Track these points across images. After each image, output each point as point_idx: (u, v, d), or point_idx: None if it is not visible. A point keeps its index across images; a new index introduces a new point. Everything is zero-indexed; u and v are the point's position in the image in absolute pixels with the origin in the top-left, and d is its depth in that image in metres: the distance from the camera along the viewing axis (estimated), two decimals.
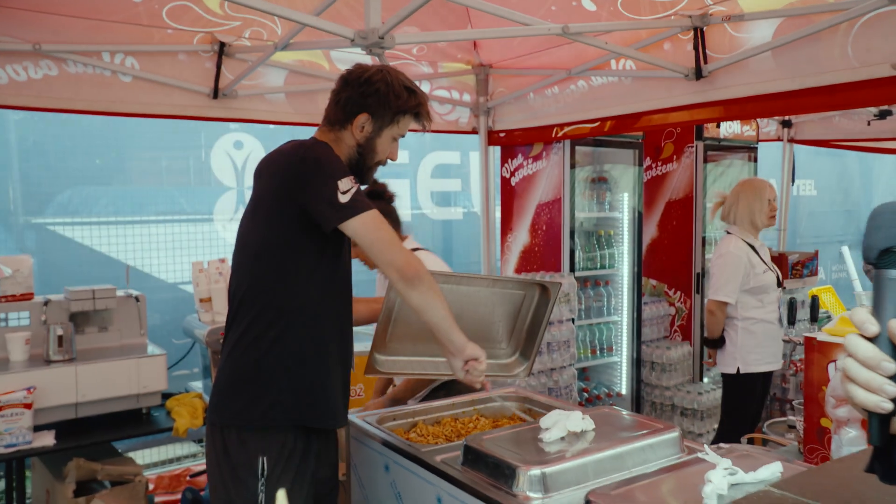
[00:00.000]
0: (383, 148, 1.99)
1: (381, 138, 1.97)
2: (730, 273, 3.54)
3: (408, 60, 4.19)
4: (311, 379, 1.90)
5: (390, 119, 1.95)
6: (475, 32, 3.30)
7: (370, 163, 1.99)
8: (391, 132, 1.98)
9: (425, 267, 1.87)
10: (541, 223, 4.50)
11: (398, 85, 1.94)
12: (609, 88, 3.77)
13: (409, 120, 2.00)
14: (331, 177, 1.79)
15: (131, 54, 3.42)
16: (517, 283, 2.49)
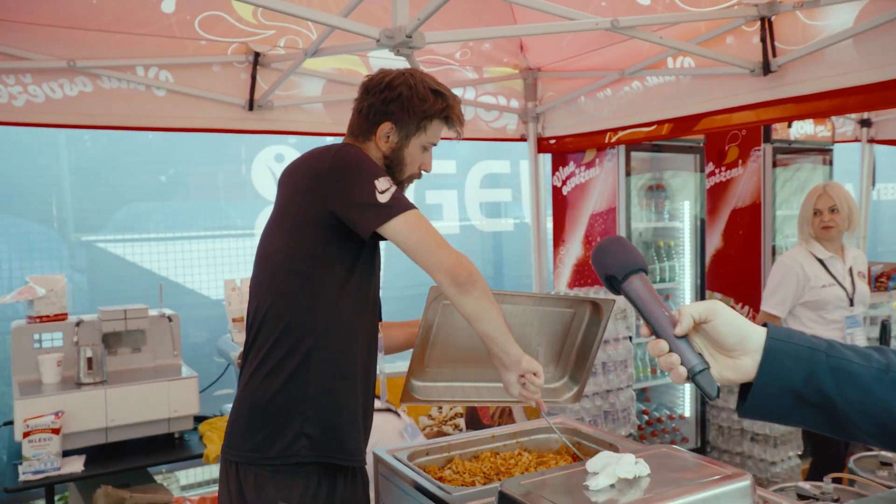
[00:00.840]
0: (413, 158, 1.80)
1: (408, 148, 1.78)
2: (776, 284, 3.29)
3: (451, 66, 4.01)
4: (339, 409, 1.72)
5: (416, 126, 1.76)
6: (514, 29, 3.10)
7: (400, 176, 1.81)
8: (419, 141, 1.79)
9: (477, 270, 1.66)
10: (595, 234, 4.24)
11: (423, 88, 1.75)
12: (666, 89, 3.50)
13: (439, 125, 1.81)
14: (367, 176, 1.62)
15: (165, 67, 3.34)
16: (565, 300, 2.25)
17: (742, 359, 0.95)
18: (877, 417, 0.92)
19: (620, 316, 3.82)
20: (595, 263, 1.09)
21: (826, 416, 0.94)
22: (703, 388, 0.96)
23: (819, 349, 0.94)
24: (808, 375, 0.92)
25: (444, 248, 1.63)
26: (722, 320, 0.96)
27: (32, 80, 3.12)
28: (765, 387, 0.94)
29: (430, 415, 3.70)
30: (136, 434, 2.82)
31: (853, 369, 0.92)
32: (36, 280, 2.98)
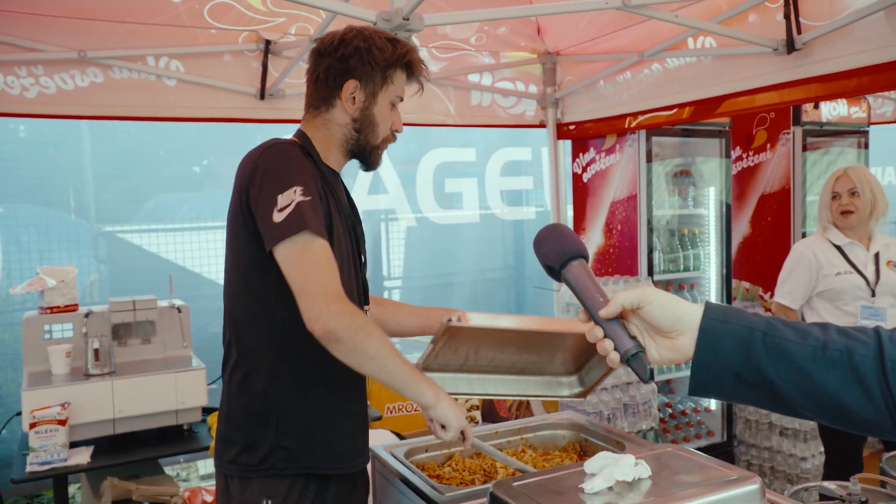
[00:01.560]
0: (384, 117, 1.67)
1: (377, 105, 1.65)
2: (788, 272, 3.14)
3: (466, 51, 3.93)
4: (315, 418, 1.62)
5: (382, 78, 1.63)
6: (521, 9, 2.99)
7: (374, 140, 1.68)
8: (387, 95, 1.66)
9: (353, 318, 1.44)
10: (616, 222, 4.12)
11: (379, 38, 1.64)
12: (686, 70, 3.36)
13: (402, 76, 1.67)
14: (274, 188, 1.48)
15: (175, 57, 3.32)
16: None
17: (679, 338, 0.96)
18: (814, 396, 0.90)
19: None
20: (536, 253, 1.07)
21: (768, 395, 0.93)
22: (636, 371, 0.97)
23: (756, 328, 0.92)
24: (746, 355, 0.91)
25: (312, 295, 1.44)
26: (654, 306, 0.96)
27: (44, 72, 3.12)
28: (703, 366, 0.94)
29: None
30: (144, 426, 2.82)
31: (789, 347, 0.91)
32: (47, 271, 2.99)
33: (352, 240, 1.68)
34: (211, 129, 4.56)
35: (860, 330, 0.93)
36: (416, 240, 5.02)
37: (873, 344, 0.90)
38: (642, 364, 0.97)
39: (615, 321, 0.99)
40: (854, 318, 3.01)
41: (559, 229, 1.08)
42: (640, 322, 0.99)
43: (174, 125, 4.26)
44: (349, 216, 1.70)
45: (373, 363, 1.47)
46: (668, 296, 0.98)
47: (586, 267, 1.05)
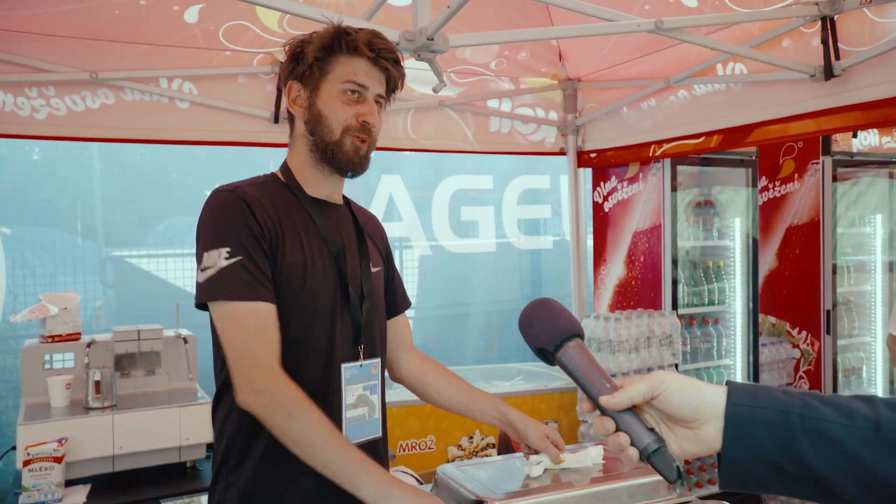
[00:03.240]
0: (332, 108, 1.49)
1: (320, 99, 1.50)
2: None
3: (486, 76, 3.83)
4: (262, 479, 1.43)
5: (318, 69, 1.49)
6: (545, 31, 2.90)
7: (329, 136, 1.49)
8: (330, 84, 1.49)
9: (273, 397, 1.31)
10: (638, 253, 3.98)
11: (309, 34, 1.53)
12: (715, 97, 3.24)
13: (346, 59, 1.49)
14: (203, 243, 1.40)
15: (188, 79, 3.24)
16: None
17: (703, 428, 0.82)
18: (871, 487, 0.76)
19: (666, 342, 3.55)
20: (523, 334, 0.95)
21: (815, 487, 0.79)
22: (660, 470, 0.83)
23: (792, 410, 0.79)
24: (784, 444, 0.78)
25: (235, 366, 1.34)
26: (670, 392, 0.83)
27: (55, 93, 3.04)
28: (734, 459, 0.80)
29: (461, 445, 3.48)
30: (145, 463, 2.67)
31: (834, 432, 0.77)
32: (49, 298, 2.88)
33: (334, 276, 1.50)
34: (223, 152, 4.49)
35: None
36: (430, 268, 4.89)
37: None
38: (667, 461, 0.83)
39: (628, 411, 0.85)
40: None
41: (550, 306, 0.95)
42: (654, 411, 0.86)
43: (186, 147, 4.18)
44: (336, 250, 1.52)
45: (299, 448, 1.29)
46: (686, 379, 0.85)
47: (585, 348, 0.91)
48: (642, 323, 3.47)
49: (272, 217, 1.44)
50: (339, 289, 1.50)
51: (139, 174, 4.50)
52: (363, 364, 1.54)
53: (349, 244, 1.57)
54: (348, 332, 1.51)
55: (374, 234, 1.70)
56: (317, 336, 1.47)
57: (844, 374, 4.31)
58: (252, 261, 1.38)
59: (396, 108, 3.66)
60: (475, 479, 1.59)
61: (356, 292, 1.53)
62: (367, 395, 1.55)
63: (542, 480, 1.60)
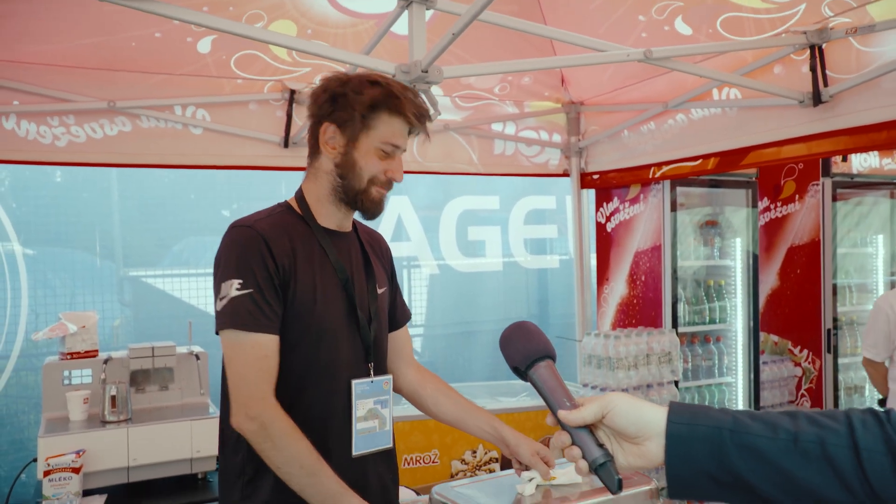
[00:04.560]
0: (367, 162, 1.59)
1: (358, 150, 1.58)
2: (869, 327, 3.21)
3: (490, 100, 3.95)
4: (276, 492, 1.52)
5: (360, 122, 1.57)
6: (540, 62, 3.01)
7: (358, 184, 1.60)
8: (370, 140, 1.58)
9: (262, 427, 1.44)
10: (639, 273, 4.06)
11: (357, 81, 1.59)
12: (711, 122, 3.34)
13: (389, 119, 1.58)
14: (221, 274, 1.53)
15: (202, 106, 3.39)
16: None
17: (646, 444, 0.92)
18: (793, 493, 0.86)
19: (665, 359, 3.61)
20: (502, 353, 1.04)
21: (747, 494, 0.88)
22: (604, 482, 0.93)
23: (724, 427, 0.89)
24: (718, 457, 0.88)
25: (233, 394, 1.47)
26: (616, 412, 0.92)
27: (75, 121, 3.19)
28: (676, 473, 0.90)
29: (464, 459, 3.56)
30: (158, 474, 2.78)
31: (759, 444, 0.87)
32: (69, 317, 3.01)
33: (344, 301, 1.62)
34: (240, 174, 4.61)
35: (831, 416, 0.90)
36: (438, 287, 4.99)
37: (845, 432, 0.86)
38: (610, 474, 0.92)
39: (583, 428, 0.94)
40: None
41: (527, 329, 1.05)
42: (606, 428, 0.96)
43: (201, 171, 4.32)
44: (345, 277, 1.63)
45: (281, 473, 1.45)
46: (632, 401, 0.94)
47: (553, 368, 1.01)
48: (641, 340, 3.54)
49: (286, 251, 1.55)
50: (348, 312, 1.62)
51: (156, 197, 4.65)
52: (374, 380, 1.66)
53: (357, 269, 1.69)
54: (359, 352, 1.64)
55: (381, 254, 1.82)
56: (328, 357, 1.59)
57: (846, 392, 4.35)
58: (261, 293, 1.49)
59: None
60: (470, 498, 1.67)
61: (364, 314, 1.65)
62: (377, 409, 1.66)
63: (534, 498, 1.69)
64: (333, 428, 1.60)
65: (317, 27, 3.21)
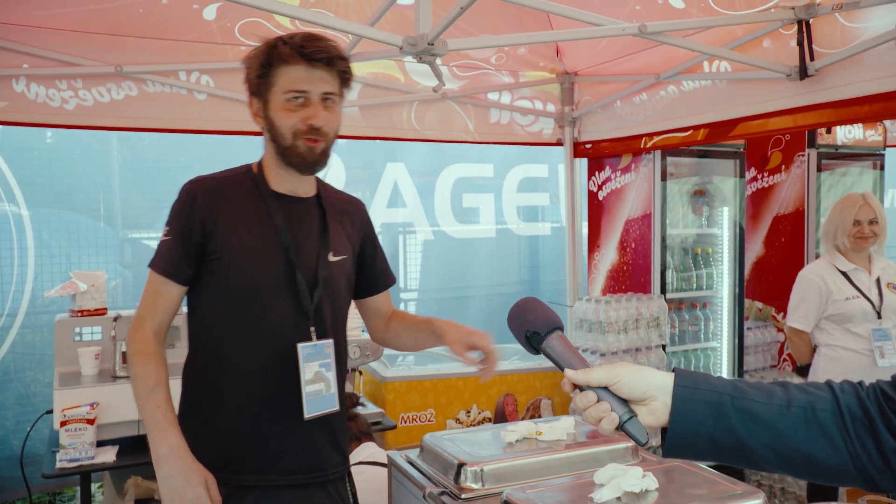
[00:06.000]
0: (282, 116, 1.65)
1: (271, 110, 1.66)
2: (799, 298, 3.29)
3: (487, 70, 4.03)
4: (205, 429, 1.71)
5: (264, 81, 1.65)
6: (539, 35, 3.09)
7: (283, 140, 1.66)
8: (276, 96, 1.65)
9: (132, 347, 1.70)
10: (630, 240, 4.19)
11: (255, 48, 1.71)
12: (702, 93, 3.44)
13: (285, 69, 1.64)
14: None
15: (206, 72, 3.45)
16: None
17: (653, 403, 1.01)
18: (782, 452, 0.98)
19: (653, 324, 3.76)
20: (514, 321, 1.11)
21: (739, 454, 1.00)
22: (633, 435, 1.01)
23: (724, 392, 1.00)
24: (718, 418, 0.99)
25: (137, 317, 1.71)
26: (622, 382, 1.02)
27: (83, 85, 3.25)
28: (679, 432, 1.00)
29: (458, 419, 3.72)
30: None
31: (757, 409, 0.99)
32: (79, 276, 3.11)
33: (282, 264, 1.69)
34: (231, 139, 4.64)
35: (815, 386, 1.01)
36: (432, 253, 5.11)
37: (830, 398, 0.99)
38: (639, 426, 1.01)
39: (604, 388, 1.03)
40: (863, 338, 3.14)
41: (540, 302, 1.13)
42: None
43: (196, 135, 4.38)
44: (287, 241, 1.69)
45: (133, 388, 1.68)
46: (637, 368, 1.04)
47: (565, 337, 1.10)
48: (631, 306, 3.68)
49: (216, 209, 1.68)
50: (286, 275, 1.69)
51: (152, 160, 4.70)
52: (317, 344, 1.71)
53: (308, 235, 1.74)
54: (298, 315, 1.70)
55: (351, 222, 1.85)
56: (257, 316, 1.68)
57: None
58: (176, 243, 1.67)
59: (400, 99, 3.86)
60: (458, 445, 1.79)
61: (308, 280, 1.71)
62: (323, 372, 1.71)
63: (519, 446, 1.80)
64: (282, 389, 1.69)
65: None
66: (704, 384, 1.01)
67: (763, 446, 0.98)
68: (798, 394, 1.00)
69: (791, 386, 1.01)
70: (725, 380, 1.03)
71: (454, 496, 1.66)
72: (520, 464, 1.72)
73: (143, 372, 1.64)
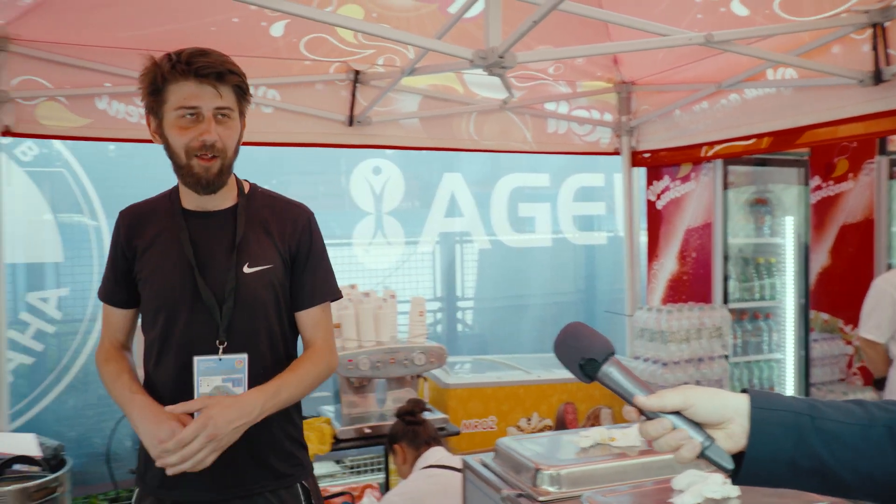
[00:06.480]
0: (173, 134, 1.59)
1: (165, 127, 1.60)
2: (870, 308, 3.18)
3: (544, 80, 4.05)
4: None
5: (156, 99, 1.60)
6: (605, 47, 3.10)
7: (177, 160, 1.61)
8: (168, 113, 1.59)
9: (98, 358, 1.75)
10: (690, 250, 4.14)
11: (145, 66, 1.63)
12: (766, 101, 3.39)
13: (174, 86, 1.58)
14: None
15: (273, 87, 3.56)
16: None
17: (731, 427, 0.94)
18: (868, 474, 0.92)
19: (716, 334, 3.71)
20: (563, 350, 1.02)
21: (820, 479, 0.93)
22: (717, 462, 0.94)
23: (803, 413, 0.94)
24: (798, 441, 0.92)
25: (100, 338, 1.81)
26: (698, 405, 0.94)
27: None
28: (757, 456, 0.93)
29: (519, 426, 3.72)
30: None
31: (838, 429, 0.92)
32: None
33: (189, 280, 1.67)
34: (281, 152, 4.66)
35: (893, 403, 0.95)
36: (488, 262, 5.14)
37: None
38: (722, 451, 0.93)
39: (676, 413, 0.95)
40: None
41: (589, 327, 1.03)
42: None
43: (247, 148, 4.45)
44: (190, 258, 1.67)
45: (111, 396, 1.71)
46: (710, 391, 0.97)
47: (621, 362, 1.01)
48: (693, 315, 3.64)
49: (139, 234, 1.73)
50: (193, 291, 1.65)
51: None
52: (223, 358, 1.64)
53: (216, 249, 1.69)
54: (206, 330, 1.65)
55: (282, 230, 1.76)
56: (174, 333, 1.66)
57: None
58: (109, 270, 1.77)
59: (459, 111, 3.92)
60: (532, 449, 1.82)
61: (215, 294, 1.65)
62: (228, 387, 1.64)
63: (593, 452, 1.81)
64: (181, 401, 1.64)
65: (381, 11, 3.34)
66: (780, 404, 0.94)
67: (847, 469, 0.91)
68: (878, 412, 0.94)
69: (867, 403, 0.96)
70: (801, 399, 0.97)
71: (531, 499, 1.68)
72: (596, 468, 1.73)
73: (107, 371, 1.72)
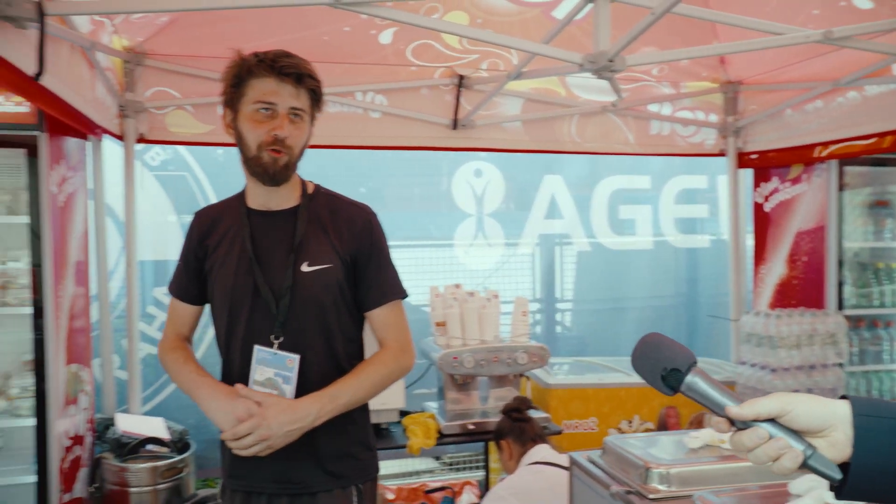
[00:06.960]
0: (249, 127, 1.68)
1: (240, 120, 1.70)
2: None
3: (647, 82, 4.02)
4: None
5: (236, 92, 1.70)
6: (715, 48, 3.04)
7: (247, 152, 1.70)
8: (245, 106, 1.68)
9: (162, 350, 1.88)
10: (800, 253, 4.00)
11: (230, 62, 1.73)
12: (889, 98, 3.24)
13: (255, 81, 1.68)
14: None
15: (380, 92, 3.71)
16: None
17: (833, 434, 0.88)
18: None
19: (829, 341, 3.57)
20: (642, 361, 0.98)
21: None
22: (823, 472, 0.88)
23: None
24: None
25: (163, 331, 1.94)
26: (797, 412, 0.89)
27: None
28: (864, 467, 0.87)
29: (620, 428, 3.71)
30: None
31: None
32: None
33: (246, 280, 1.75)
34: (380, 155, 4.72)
35: None
36: (588, 265, 5.11)
37: None
38: (825, 460, 0.87)
39: (770, 422, 0.89)
40: None
41: (665, 338, 0.99)
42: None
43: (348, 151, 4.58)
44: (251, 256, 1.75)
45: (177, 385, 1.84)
46: (805, 396, 0.91)
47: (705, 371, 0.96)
48: (805, 321, 3.51)
49: (212, 233, 1.83)
50: (253, 288, 1.74)
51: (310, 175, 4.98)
52: (277, 353, 1.71)
53: (276, 247, 1.76)
54: (264, 324, 1.73)
55: (342, 231, 1.81)
56: (238, 326, 1.76)
57: None
58: (181, 266, 1.88)
59: (562, 113, 3.94)
60: (641, 448, 1.84)
61: (273, 290, 1.73)
62: (277, 381, 1.70)
63: (703, 453, 1.82)
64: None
65: (486, 16, 3.41)
66: (886, 411, 0.89)
67: None
68: None
69: None
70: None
71: (641, 496, 1.71)
72: (707, 469, 1.74)
73: (172, 359, 1.83)
